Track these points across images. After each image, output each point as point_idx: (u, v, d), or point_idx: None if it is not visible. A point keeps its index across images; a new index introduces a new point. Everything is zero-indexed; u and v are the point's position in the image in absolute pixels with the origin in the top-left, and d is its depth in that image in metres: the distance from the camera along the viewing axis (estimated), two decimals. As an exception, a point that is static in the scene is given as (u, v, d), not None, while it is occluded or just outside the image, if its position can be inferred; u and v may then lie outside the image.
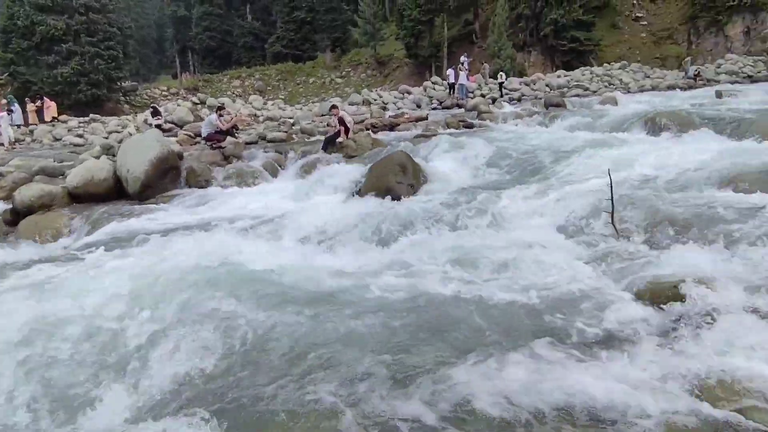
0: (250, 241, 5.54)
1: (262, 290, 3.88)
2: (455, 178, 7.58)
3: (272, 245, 5.56)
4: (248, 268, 4.36)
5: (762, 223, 3.90)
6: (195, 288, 3.76)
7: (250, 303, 3.63)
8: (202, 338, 3.07)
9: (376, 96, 21.66)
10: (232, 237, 5.31)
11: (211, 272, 4.02)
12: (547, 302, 3.45)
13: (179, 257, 4.35)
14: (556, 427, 2.19)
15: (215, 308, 3.52)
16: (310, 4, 43.37)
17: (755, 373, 2.32)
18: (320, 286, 4.04)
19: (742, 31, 30.57)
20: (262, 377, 2.76)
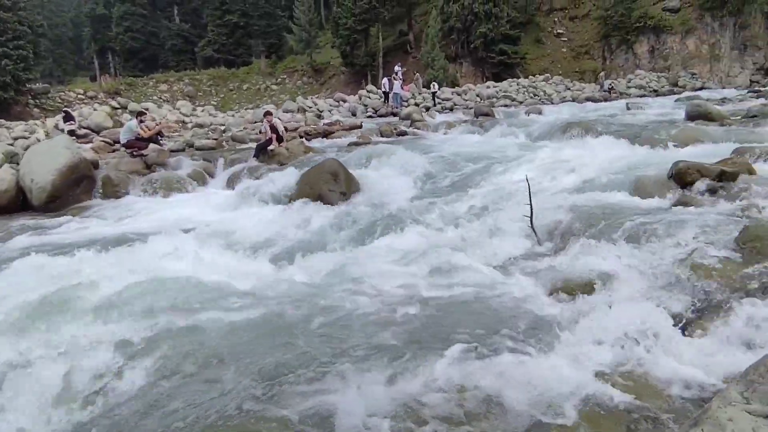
0: (170, 255, 5.21)
1: (184, 305, 3.66)
2: (387, 185, 7.62)
3: (195, 258, 5.27)
4: (167, 284, 4.09)
5: (658, 223, 4.23)
6: (101, 308, 3.46)
7: (168, 319, 3.40)
8: (101, 364, 2.81)
9: (312, 104, 21.48)
10: (150, 251, 4.96)
11: (123, 290, 3.72)
12: (469, 304, 3.53)
13: (84, 274, 3.98)
14: (477, 419, 2.22)
15: (126, 328, 3.26)
16: (243, 9, 42.29)
17: (650, 360, 2.50)
18: (243, 299, 3.87)
19: (648, 50, 33.72)
20: (176, 400, 2.57)
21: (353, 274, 4.25)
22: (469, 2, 31.51)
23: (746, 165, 5.51)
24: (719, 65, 31.57)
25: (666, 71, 32.17)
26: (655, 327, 2.80)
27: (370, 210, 6.28)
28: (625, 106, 18.12)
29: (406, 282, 3.98)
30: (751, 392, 1.30)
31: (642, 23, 32.65)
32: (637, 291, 3.35)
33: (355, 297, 3.72)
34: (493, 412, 2.29)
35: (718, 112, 10.89)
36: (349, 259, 4.71)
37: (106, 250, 4.79)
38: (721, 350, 2.47)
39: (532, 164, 7.37)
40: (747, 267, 3.25)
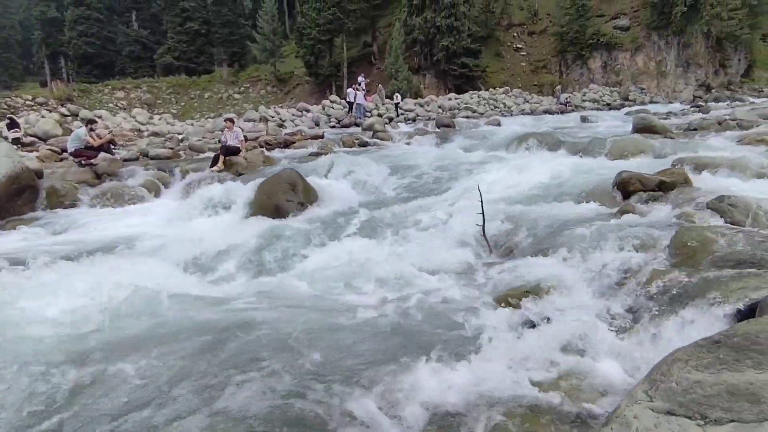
0: (118, 270, 5.01)
1: (128, 327, 3.51)
2: (346, 195, 7.63)
3: (145, 272, 5.09)
4: (113, 301, 3.92)
5: (601, 231, 4.42)
6: (29, 328, 3.27)
7: (111, 342, 3.25)
8: (28, 389, 2.65)
9: (274, 113, 21.27)
10: (89, 266, 4.75)
11: (54, 308, 3.54)
12: (417, 314, 3.57)
13: (10, 293, 3.77)
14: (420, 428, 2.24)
15: (51, 350, 3.09)
16: (205, 16, 41.65)
17: (586, 364, 2.60)
18: (196, 317, 3.76)
19: (601, 65, 35.37)
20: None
21: (302, 287, 4.23)
22: (432, 16, 32.21)
23: (683, 175, 5.83)
24: (666, 81, 33.45)
25: (618, 86, 33.82)
26: (592, 332, 2.91)
27: (327, 220, 6.27)
28: (579, 119, 18.89)
29: (353, 294, 3.99)
30: (654, 390, 1.37)
31: (595, 40, 34.27)
32: (579, 297, 3.47)
33: (300, 311, 3.69)
34: (435, 421, 2.31)
35: (661, 125, 11.50)
36: (300, 271, 4.68)
37: (41, 265, 4.54)
38: (651, 352, 2.59)
39: (487, 174, 7.56)
40: (676, 271, 3.43)
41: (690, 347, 1.55)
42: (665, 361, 1.56)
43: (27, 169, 7.60)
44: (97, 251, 5.57)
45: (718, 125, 12.00)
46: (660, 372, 1.49)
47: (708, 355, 1.45)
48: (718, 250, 3.63)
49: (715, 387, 1.34)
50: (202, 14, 41.72)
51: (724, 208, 4.57)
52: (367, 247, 5.30)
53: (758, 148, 8.14)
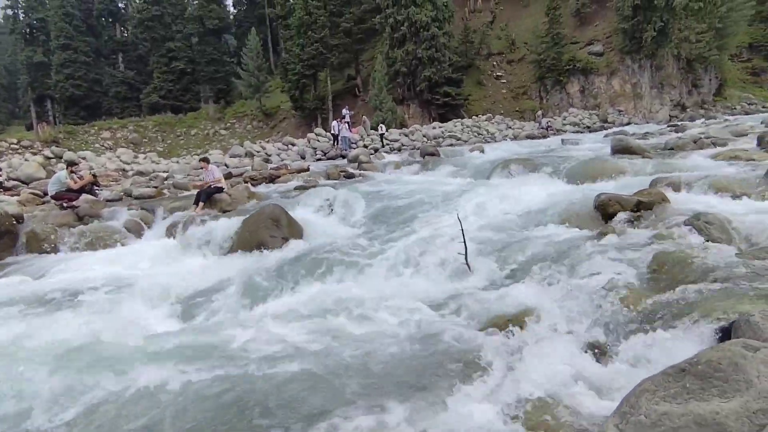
0: (92, 315, 4.91)
1: (100, 370, 3.40)
2: (331, 229, 7.62)
3: (124, 316, 5.00)
4: (85, 347, 3.82)
5: (582, 254, 4.44)
6: (19, 378, 3.16)
7: (79, 384, 3.15)
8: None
9: (260, 148, 21.42)
10: (69, 311, 4.64)
11: (33, 354, 3.43)
12: (401, 346, 3.53)
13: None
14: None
15: (32, 398, 2.99)
16: (190, 55, 42.41)
17: (566, 391, 2.56)
18: (165, 362, 3.66)
19: (579, 90, 36.38)
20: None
21: (284, 325, 4.15)
22: (413, 48, 33.10)
23: (661, 195, 5.92)
24: (642, 102, 34.42)
25: (596, 108, 34.73)
26: (575, 360, 2.89)
27: (311, 255, 6.21)
28: (560, 142, 19.26)
29: (334, 331, 3.92)
30: (625, 424, 1.36)
31: (572, 66, 35.37)
32: (562, 323, 3.45)
33: (278, 350, 3.62)
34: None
35: (638, 146, 11.75)
36: (282, 309, 4.61)
37: (19, 310, 4.43)
38: (630, 376, 2.56)
39: (471, 201, 7.60)
40: (655, 292, 3.44)
41: (657, 376, 1.54)
42: (634, 392, 1.55)
43: (6, 214, 7.51)
44: (75, 295, 5.46)
45: (694, 143, 12.28)
46: (629, 404, 1.47)
47: (675, 384, 1.44)
48: (696, 270, 3.67)
49: (682, 418, 1.32)
50: (187, 54, 42.50)
51: (701, 226, 4.64)
52: (350, 281, 5.26)
53: (732, 164, 8.33)
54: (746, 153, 8.86)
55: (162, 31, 42.42)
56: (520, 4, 42.68)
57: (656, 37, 30.86)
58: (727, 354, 1.41)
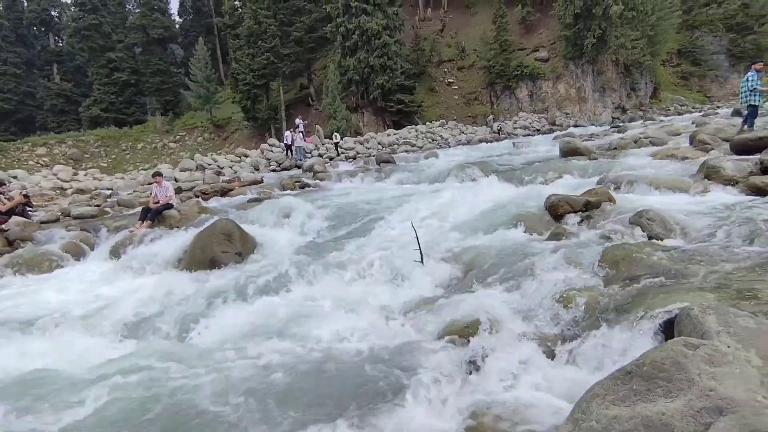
0: (30, 348, 4.53)
1: (30, 405, 3.12)
2: (286, 241, 7.43)
3: (65, 343, 4.65)
4: (14, 384, 3.50)
5: (536, 256, 4.52)
6: None
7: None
8: None
9: (211, 160, 20.74)
10: (7, 340, 4.26)
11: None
12: (357, 359, 3.45)
13: None
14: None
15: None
16: (133, 66, 40.73)
17: (523, 396, 2.56)
18: (124, 390, 3.42)
19: (528, 94, 37.74)
20: None
21: (237, 342, 3.98)
22: (365, 56, 33.26)
23: (607, 194, 6.15)
24: (586, 105, 36.12)
25: (544, 112, 36.14)
26: (531, 364, 2.90)
27: (265, 270, 6.02)
28: (512, 145, 19.85)
29: (290, 345, 3.80)
30: (578, 430, 1.34)
31: (520, 71, 36.66)
32: (518, 327, 3.47)
33: (234, 367, 3.46)
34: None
35: (585, 147, 12.26)
36: (236, 326, 4.42)
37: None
38: (585, 377, 2.59)
39: (426, 207, 7.63)
40: (606, 290, 3.53)
41: (606, 380, 1.54)
42: (585, 397, 1.54)
43: (-77, 243, 6.84)
44: (5, 325, 5.03)
45: (634, 143, 12.96)
46: (581, 410, 1.46)
47: (623, 387, 1.44)
48: (641, 266, 3.79)
49: (631, 421, 1.32)
50: (130, 64, 40.75)
51: (644, 223, 4.84)
52: (304, 294, 5.12)
53: (670, 162, 8.81)
54: (681, 151, 9.40)
55: (101, 41, 40.45)
56: (469, 13, 43.91)
57: (596, 43, 32.54)
58: (670, 354, 1.42)
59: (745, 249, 3.77)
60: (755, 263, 3.31)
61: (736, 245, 3.91)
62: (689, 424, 1.27)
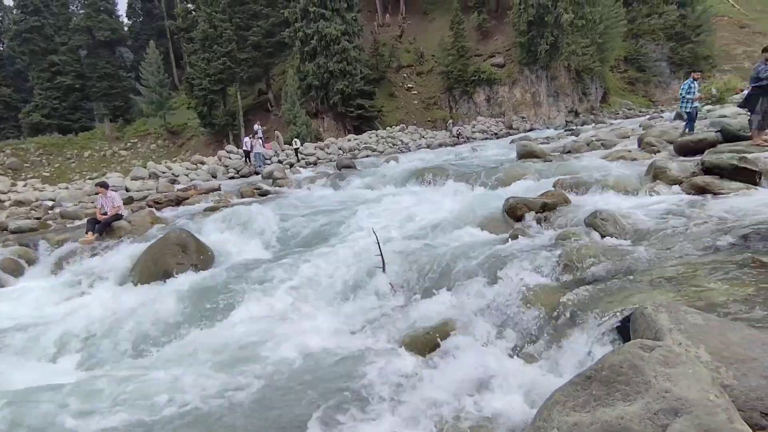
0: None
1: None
2: (244, 251, 7.20)
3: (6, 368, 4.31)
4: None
5: (496, 259, 4.55)
6: None
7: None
8: None
9: (165, 168, 19.95)
10: None
11: None
12: (318, 372, 3.36)
13: None
14: None
15: None
16: (78, 70, 38.75)
17: (487, 400, 2.54)
18: (65, 414, 3.17)
19: (485, 99, 38.61)
20: None
21: (194, 358, 3.80)
22: (324, 61, 33.08)
23: (562, 196, 6.31)
24: (541, 109, 37.34)
25: (502, 116, 37.08)
26: (494, 367, 2.89)
27: (223, 280, 5.80)
28: (471, 149, 20.19)
29: (251, 360, 3.66)
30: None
31: (477, 76, 37.49)
32: (480, 330, 3.47)
33: (185, 385, 3.30)
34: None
35: (541, 150, 12.59)
36: (193, 341, 4.22)
37: None
38: (543, 378, 2.61)
39: (387, 212, 7.60)
40: (564, 291, 3.58)
41: (566, 386, 1.53)
42: (546, 405, 1.52)
43: None
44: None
45: (587, 146, 13.44)
46: (542, 418, 1.44)
47: (582, 392, 1.43)
48: (596, 265, 3.88)
49: (592, 427, 1.31)
50: (74, 68, 38.72)
51: (598, 223, 4.98)
52: (265, 304, 4.96)
53: (620, 164, 9.16)
54: (630, 153, 9.81)
55: (43, 44, 38.27)
56: (426, 19, 44.56)
57: (549, 50, 33.76)
58: (627, 357, 1.43)
59: (690, 246, 3.93)
60: (700, 260, 3.45)
61: (682, 243, 4.07)
62: (647, 427, 1.26)
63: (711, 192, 5.56)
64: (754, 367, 1.83)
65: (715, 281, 2.99)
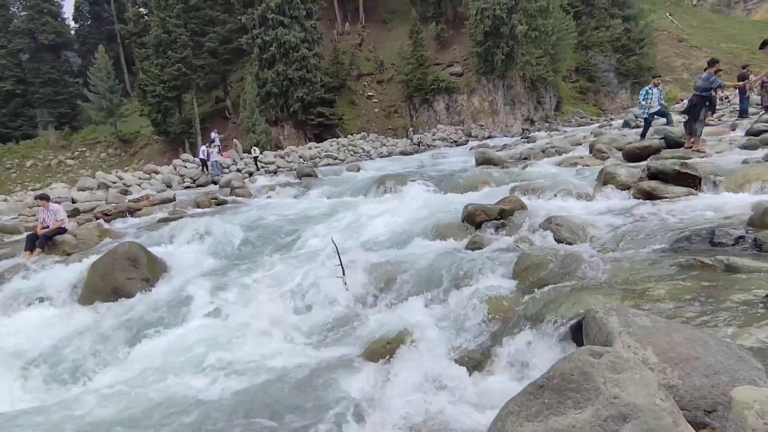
0: None
1: None
2: (200, 263, 6.94)
3: None
4: None
5: (455, 266, 4.58)
6: None
7: None
8: None
9: (116, 178, 19.06)
10: None
11: None
12: (278, 388, 3.25)
13: None
14: None
15: None
16: (19, 75, 36.62)
17: (442, 411, 2.54)
18: None
19: (445, 107, 39.29)
20: None
21: (145, 379, 3.61)
22: (284, 69, 32.73)
23: (519, 202, 6.44)
24: (499, 117, 38.35)
25: (461, 124, 37.82)
26: (450, 375, 2.89)
27: (177, 296, 5.57)
28: (431, 157, 20.46)
29: (206, 378, 3.52)
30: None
31: (436, 85, 38.12)
32: (438, 339, 3.46)
33: (137, 410, 3.11)
34: None
35: (498, 157, 12.92)
36: (141, 363, 4.01)
37: None
38: (501, 385, 2.62)
39: (348, 221, 7.54)
40: (521, 297, 3.64)
41: (520, 396, 1.53)
42: (500, 416, 1.52)
43: None
44: None
45: (542, 153, 13.90)
46: (497, 429, 1.44)
47: (535, 402, 1.43)
48: (552, 270, 3.97)
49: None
50: (15, 73, 36.52)
51: (553, 228, 5.12)
52: (221, 320, 4.79)
53: (574, 169, 9.50)
54: (582, 159, 10.22)
55: (-20, 47, 36.10)
56: (386, 28, 45.02)
57: (505, 60, 34.79)
58: (577, 364, 1.44)
59: (638, 250, 4.10)
60: (648, 263, 3.59)
61: (631, 246, 4.24)
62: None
63: (657, 196, 5.83)
64: (697, 366, 1.90)
65: (661, 283, 3.11)
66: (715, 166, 6.68)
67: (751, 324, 2.37)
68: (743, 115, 14.31)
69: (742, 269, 3.11)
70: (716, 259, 3.27)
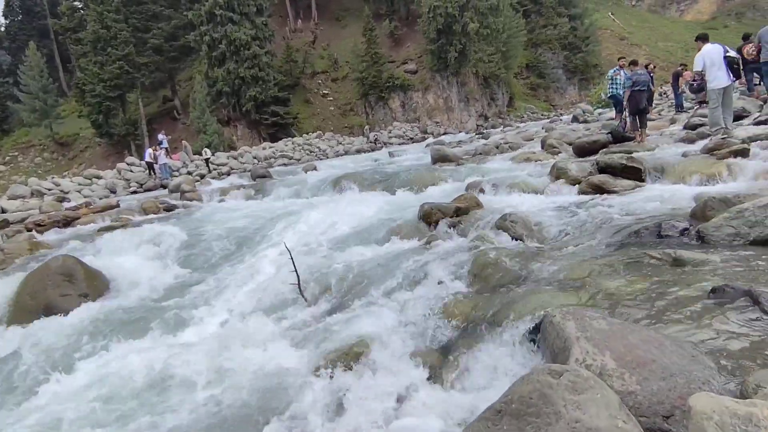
0: None
1: None
2: (145, 275, 6.51)
3: None
4: None
5: (412, 268, 4.48)
6: None
7: None
8: None
9: (52, 184, 17.75)
10: None
11: None
12: (234, 398, 3.05)
13: None
14: None
15: None
16: (-60, 76, 33.69)
17: (403, 424, 2.41)
18: None
19: (400, 105, 39.41)
20: None
21: (80, 409, 3.30)
22: (235, 67, 31.73)
23: (474, 200, 6.43)
24: (453, 114, 38.87)
25: (416, 121, 38.06)
26: (408, 384, 2.78)
27: (120, 313, 5.19)
28: (388, 155, 20.39)
29: (152, 403, 3.25)
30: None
31: (391, 83, 38.17)
32: (396, 346, 3.33)
33: None
34: None
35: (453, 154, 13.00)
36: (79, 391, 3.67)
37: None
38: (462, 396, 2.53)
39: (303, 224, 7.30)
40: (478, 298, 3.58)
41: (476, 423, 1.42)
42: (471, 426, 1.40)
43: None
44: None
45: (497, 149, 14.10)
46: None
47: (494, 428, 1.33)
48: (507, 269, 3.93)
49: (504, 470, 1.21)
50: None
51: (508, 226, 5.11)
52: (168, 336, 4.48)
53: (527, 165, 9.65)
54: (535, 155, 10.40)
55: None
56: (339, 25, 44.59)
57: (458, 57, 35.25)
58: (536, 386, 1.35)
59: (591, 246, 4.14)
60: (601, 259, 3.60)
61: (584, 242, 4.28)
62: (560, 462, 1.19)
63: (606, 190, 5.97)
64: (654, 369, 1.87)
65: (615, 280, 3.11)
66: (658, 159, 6.94)
67: (700, 319, 2.38)
68: (679, 109, 15.18)
69: (688, 262, 3.16)
70: (664, 252, 3.31)
